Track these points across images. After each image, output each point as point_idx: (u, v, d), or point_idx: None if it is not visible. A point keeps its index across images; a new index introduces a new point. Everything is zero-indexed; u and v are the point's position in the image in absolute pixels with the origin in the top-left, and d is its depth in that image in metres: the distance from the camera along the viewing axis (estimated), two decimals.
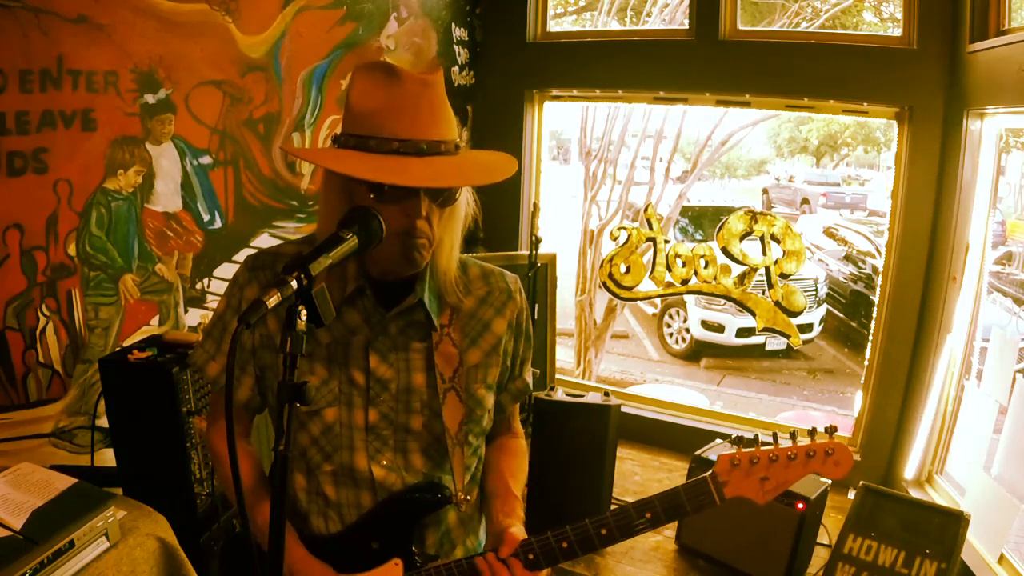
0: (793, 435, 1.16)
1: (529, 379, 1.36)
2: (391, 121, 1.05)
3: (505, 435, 1.40)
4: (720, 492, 1.15)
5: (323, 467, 1.19)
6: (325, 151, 1.21)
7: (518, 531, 1.18)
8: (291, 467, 1.19)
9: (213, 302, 2.70)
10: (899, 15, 3.66)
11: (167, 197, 2.49)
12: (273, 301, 0.86)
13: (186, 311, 2.62)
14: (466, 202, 1.19)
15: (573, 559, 1.16)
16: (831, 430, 1.17)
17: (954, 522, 2.40)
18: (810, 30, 5.52)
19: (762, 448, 1.16)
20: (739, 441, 1.18)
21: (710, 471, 1.17)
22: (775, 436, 1.17)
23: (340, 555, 1.19)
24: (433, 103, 1.07)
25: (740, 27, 3.69)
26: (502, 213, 4.28)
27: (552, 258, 3.95)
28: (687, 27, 3.84)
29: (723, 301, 4.30)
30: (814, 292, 7.49)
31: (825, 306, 8.10)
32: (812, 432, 1.17)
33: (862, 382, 3.69)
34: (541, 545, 1.15)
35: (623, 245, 4.18)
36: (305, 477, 1.21)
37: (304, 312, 0.90)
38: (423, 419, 1.20)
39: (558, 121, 9.91)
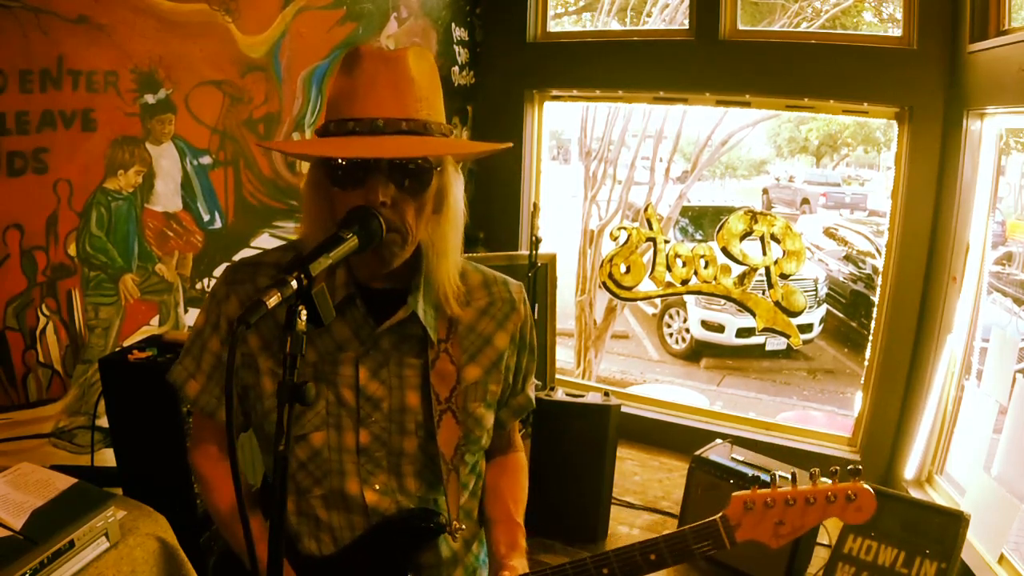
0: (812, 476, 1.11)
1: (532, 394, 1.30)
2: (349, 103, 1.01)
3: (505, 451, 1.34)
4: (731, 536, 1.10)
5: (313, 491, 1.13)
6: (287, 142, 1.15)
7: (518, 564, 1.14)
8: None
9: None
10: (899, 15, 3.66)
11: (167, 197, 2.49)
12: (273, 301, 0.84)
13: (186, 311, 2.62)
14: (458, 205, 1.11)
15: None
16: (854, 471, 1.11)
17: (954, 522, 2.40)
18: (810, 30, 5.52)
19: (779, 490, 1.10)
20: (755, 481, 1.12)
21: (721, 514, 1.11)
22: (793, 476, 1.11)
23: None
24: (396, 81, 1.00)
25: (740, 27, 3.69)
26: (502, 213, 4.28)
27: (552, 258, 3.95)
28: (687, 27, 3.84)
29: (723, 301, 4.30)
30: (814, 292, 7.49)
31: (825, 306, 8.10)
32: (834, 473, 1.11)
33: (862, 382, 3.70)
34: None
35: (623, 245, 4.18)
36: (295, 500, 1.15)
37: (304, 312, 0.88)
38: (418, 440, 1.13)
39: (558, 121, 9.91)
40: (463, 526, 1.17)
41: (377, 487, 1.13)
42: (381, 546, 1.14)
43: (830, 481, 1.11)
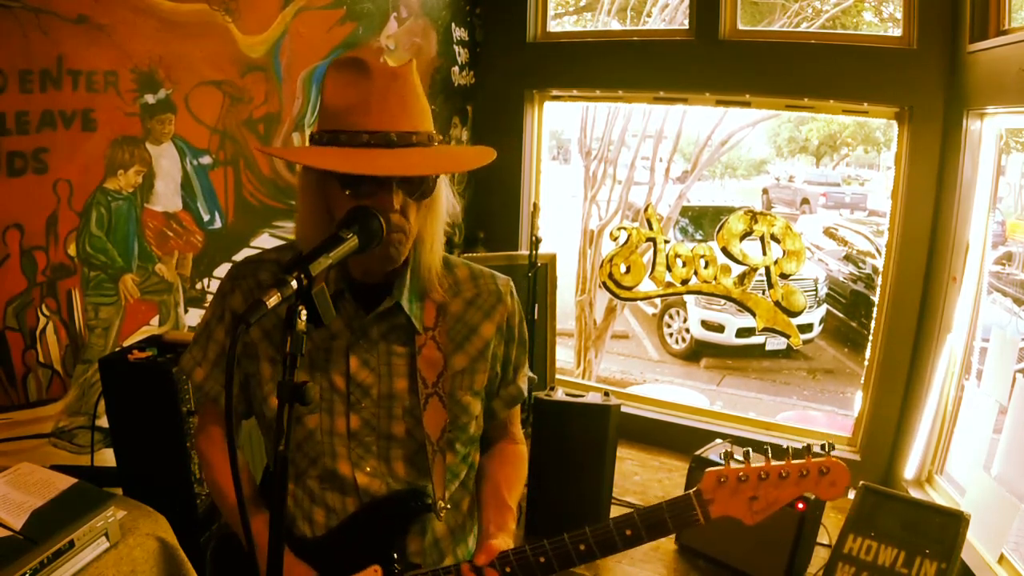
0: (787, 451, 1.11)
1: (524, 385, 1.32)
2: (361, 115, 1.04)
3: (502, 441, 1.36)
4: (705, 511, 1.10)
5: (309, 472, 1.18)
6: (298, 149, 1.19)
7: (500, 542, 1.15)
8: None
9: None
10: (899, 15, 3.66)
11: (167, 197, 2.49)
12: (273, 301, 0.86)
13: (186, 311, 2.62)
14: (446, 197, 1.16)
15: (553, 575, 1.12)
16: (828, 447, 1.11)
17: (954, 522, 2.40)
18: (810, 30, 5.52)
19: (752, 465, 1.10)
20: (729, 456, 1.12)
21: (695, 488, 1.12)
22: (767, 452, 1.12)
23: (323, 559, 1.18)
24: (404, 95, 1.06)
25: (740, 27, 3.69)
26: (502, 213, 4.28)
27: (552, 258, 3.95)
28: (687, 27, 3.84)
29: (723, 301, 4.30)
30: (814, 292, 7.48)
31: (825, 306, 8.09)
32: (807, 449, 1.10)
33: (862, 382, 3.70)
34: (519, 559, 1.12)
35: (623, 245, 4.18)
36: (293, 481, 1.20)
37: (304, 312, 0.89)
38: (406, 425, 1.17)
39: (558, 121, 9.90)
40: (448, 506, 1.20)
41: (368, 470, 1.17)
42: (369, 526, 1.17)
43: (804, 458, 1.11)
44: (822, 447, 1.12)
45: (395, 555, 1.17)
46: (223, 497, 1.24)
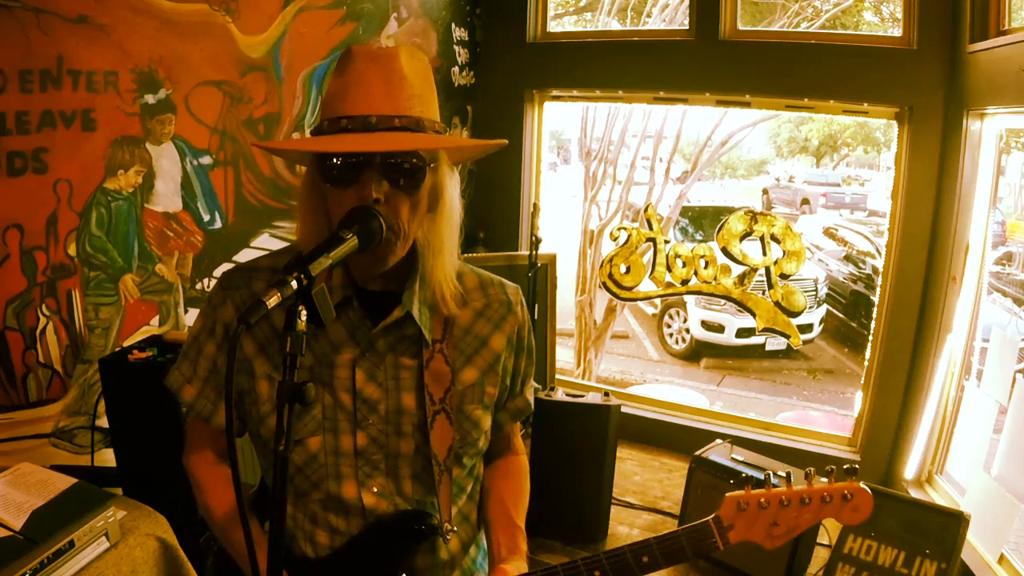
0: (808, 475, 1.10)
1: (530, 397, 1.29)
2: (341, 101, 1.01)
3: (505, 454, 1.33)
4: (724, 537, 1.09)
5: (311, 495, 1.13)
6: (281, 141, 1.13)
7: (513, 568, 1.13)
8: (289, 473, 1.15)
9: None
10: (899, 15, 3.66)
11: (167, 197, 2.49)
12: (273, 301, 0.84)
13: (186, 311, 2.62)
14: (454, 203, 1.10)
15: None
16: (851, 471, 1.09)
17: (954, 522, 2.40)
18: (810, 30, 5.52)
19: (773, 490, 1.08)
20: (749, 481, 1.11)
21: (714, 514, 1.10)
22: (788, 476, 1.10)
23: None
24: (387, 78, 1.00)
25: (740, 27, 3.69)
26: (502, 213, 4.28)
27: (552, 258, 3.95)
28: (687, 27, 3.84)
29: (723, 301, 4.30)
30: (814, 292, 7.49)
31: (825, 306, 8.10)
32: (829, 473, 1.09)
33: (862, 382, 3.70)
34: None
35: (623, 245, 4.18)
36: (292, 503, 1.14)
37: (304, 312, 0.88)
38: (415, 442, 1.12)
39: (558, 121, 9.90)
40: (455, 528, 1.16)
41: (375, 489, 1.12)
42: (374, 547, 1.13)
43: (826, 481, 1.09)
44: (845, 470, 1.10)
45: None
46: (218, 522, 1.19)
